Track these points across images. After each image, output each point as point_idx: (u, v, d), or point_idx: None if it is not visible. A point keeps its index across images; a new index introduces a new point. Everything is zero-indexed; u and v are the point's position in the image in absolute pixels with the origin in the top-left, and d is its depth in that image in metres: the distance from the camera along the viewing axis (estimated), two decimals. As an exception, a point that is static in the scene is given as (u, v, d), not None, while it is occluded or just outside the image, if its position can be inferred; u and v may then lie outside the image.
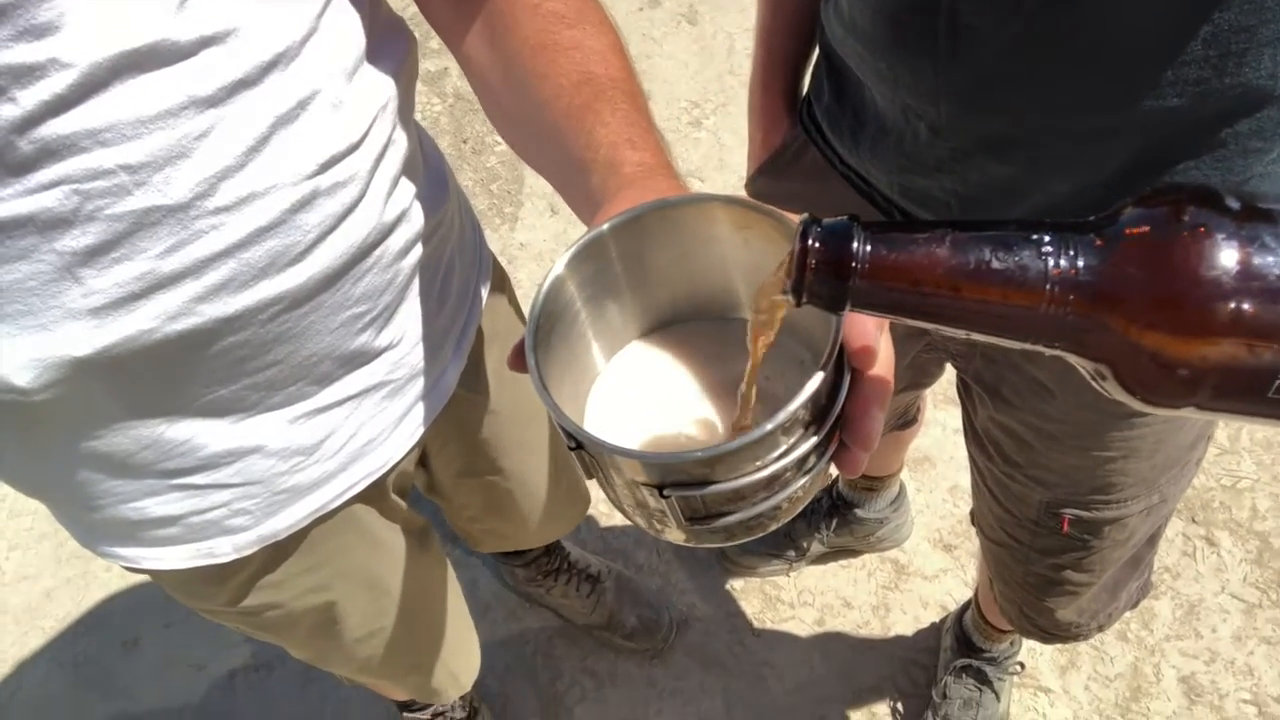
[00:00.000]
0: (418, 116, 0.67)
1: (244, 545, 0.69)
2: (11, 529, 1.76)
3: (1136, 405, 0.34)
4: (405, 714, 1.36)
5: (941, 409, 1.70)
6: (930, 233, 0.33)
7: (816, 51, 0.81)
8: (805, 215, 0.35)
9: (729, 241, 0.42)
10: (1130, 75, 0.55)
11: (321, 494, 0.70)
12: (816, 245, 0.33)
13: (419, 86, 1.01)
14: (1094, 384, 0.36)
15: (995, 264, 0.32)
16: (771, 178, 0.87)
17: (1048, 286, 0.32)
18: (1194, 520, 1.56)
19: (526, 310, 0.41)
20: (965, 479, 1.43)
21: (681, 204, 0.41)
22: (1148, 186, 0.59)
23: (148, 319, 0.52)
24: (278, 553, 0.73)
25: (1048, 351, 0.34)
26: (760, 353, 0.39)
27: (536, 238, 2.06)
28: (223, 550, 0.69)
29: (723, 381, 0.45)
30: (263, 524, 0.69)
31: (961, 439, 0.96)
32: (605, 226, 0.41)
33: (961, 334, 0.35)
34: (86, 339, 0.51)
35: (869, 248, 0.33)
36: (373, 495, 0.77)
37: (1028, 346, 0.34)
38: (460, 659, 1.09)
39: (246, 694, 1.55)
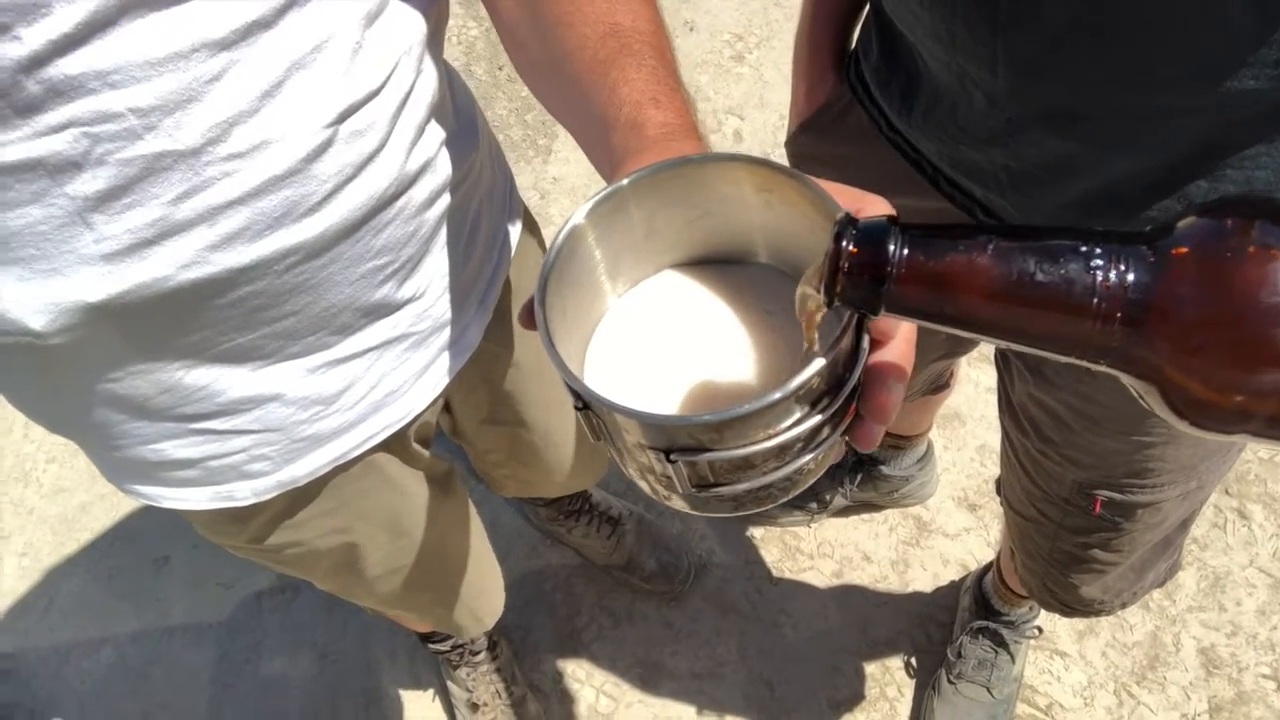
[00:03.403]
0: (452, 40, 0.65)
1: (263, 490, 0.69)
2: (50, 442, 1.80)
3: (1185, 429, 0.32)
4: (428, 645, 1.39)
5: (975, 366, 1.67)
6: (972, 239, 0.31)
7: (867, 6, 0.76)
8: (842, 214, 0.33)
9: (751, 203, 0.41)
10: (1207, 53, 0.51)
11: (341, 443, 0.70)
12: (850, 248, 0.32)
13: (454, 9, 0.97)
14: (1141, 401, 0.33)
15: (1040, 276, 0.30)
16: (814, 136, 0.84)
17: (1094, 302, 0.30)
18: (1227, 492, 1.53)
19: None
20: (995, 439, 1.41)
21: (704, 162, 0.40)
22: (1213, 168, 0.56)
23: (161, 266, 0.51)
24: (298, 497, 0.73)
25: (1093, 368, 0.32)
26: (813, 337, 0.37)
27: (570, 172, 2.02)
28: (242, 494, 0.69)
29: (733, 328, 0.44)
30: (282, 470, 0.69)
31: (993, 397, 0.93)
32: (626, 181, 0.40)
33: (1001, 345, 0.33)
34: (100, 285, 0.50)
35: (905, 252, 0.32)
36: (394, 445, 0.76)
37: (1073, 361, 0.32)
38: (482, 600, 1.10)
39: (272, 615, 1.59)
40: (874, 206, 0.38)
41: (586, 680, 1.48)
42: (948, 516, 1.57)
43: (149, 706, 1.53)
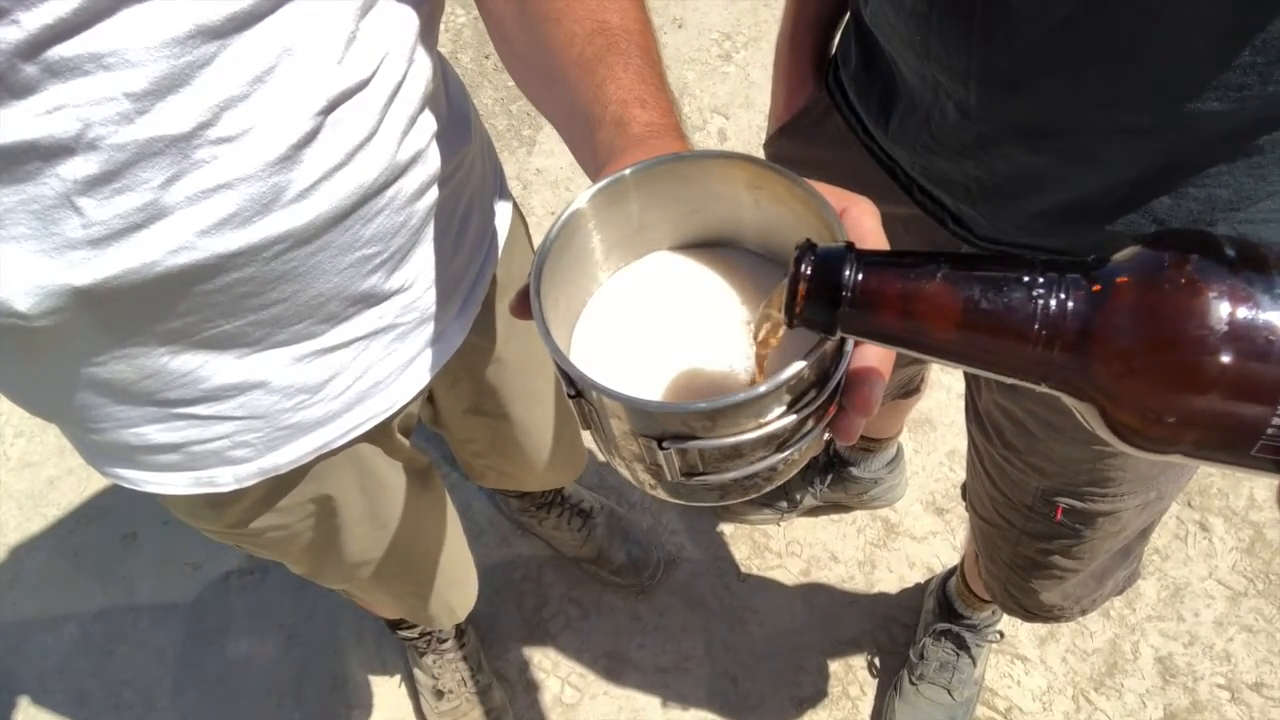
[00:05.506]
0: (439, 28, 0.65)
1: (245, 476, 0.70)
2: (18, 415, 1.78)
3: (1121, 448, 0.34)
4: (395, 631, 1.40)
5: (947, 373, 1.69)
6: (923, 267, 0.33)
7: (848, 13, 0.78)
8: (804, 240, 0.35)
9: (742, 200, 0.42)
10: (1174, 74, 0.53)
11: (325, 432, 0.70)
12: (807, 271, 0.33)
13: None
14: (1082, 421, 0.35)
15: (984, 304, 0.32)
16: (792, 139, 0.85)
17: (1036, 328, 0.32)
18: (1190, 504, 1.57)
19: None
20: (964, 444, 1.43)
21: (697, 159, 0.41)
22: (1177, 185, 0.58)
23: (149, 251, 0.51)
24: (279, 485, 0.74)
25: (1036, 389, 0.34)
26: (763, 359, 0.38)
27: (554, 164, 2.02)
28: (223, 480, 0.69)
29: (720, 307, 0.45)
30: (264, 457, 0.69)
31: (964, 404, 0.95)
32: (629, 171, 0.41)
33: (950, 366, 0.34)
34: (86, 269, 0.50)
35: (860, 276, 0.33)
36: (377, 435, 0.77)
37: (1017, 382, 0.34)
38: (456, 592, 1.10)
39: (240, 595, 1.58)
40: (859, 206, 0.39)
41: (552, 670, 1.49)
42: (915, 519, 1.59)
43: (112, 684, 1.52)
